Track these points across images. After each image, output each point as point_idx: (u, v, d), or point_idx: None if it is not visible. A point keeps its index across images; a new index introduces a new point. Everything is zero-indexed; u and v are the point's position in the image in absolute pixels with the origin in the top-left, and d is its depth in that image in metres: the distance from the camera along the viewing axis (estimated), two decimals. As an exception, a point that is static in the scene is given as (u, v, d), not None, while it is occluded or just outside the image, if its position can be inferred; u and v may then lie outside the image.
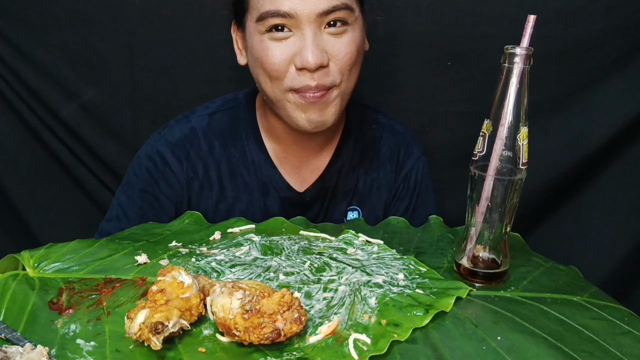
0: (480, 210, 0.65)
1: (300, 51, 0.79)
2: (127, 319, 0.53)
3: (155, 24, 1.20)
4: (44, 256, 0.68)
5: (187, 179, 0.93)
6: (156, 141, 0.93)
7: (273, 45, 0.80)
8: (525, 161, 0.63)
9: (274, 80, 0.82)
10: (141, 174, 0.93)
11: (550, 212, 1.32)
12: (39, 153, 1.31)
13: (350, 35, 0.81)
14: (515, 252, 0.73)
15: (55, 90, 1.25)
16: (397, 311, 0.58)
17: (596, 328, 0.59)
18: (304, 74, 0.80)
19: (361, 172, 0.98)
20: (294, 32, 0.79)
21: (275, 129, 0.93)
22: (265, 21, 0.79)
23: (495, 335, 0.56)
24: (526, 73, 0.61)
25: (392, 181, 1.00)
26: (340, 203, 0.98)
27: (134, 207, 0.92)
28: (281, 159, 0.95)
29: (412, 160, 1.01)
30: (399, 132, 1.01)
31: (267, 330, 0.51)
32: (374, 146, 1.00)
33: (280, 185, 0.94)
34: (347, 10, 0.80)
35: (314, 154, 0.95)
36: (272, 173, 0.94)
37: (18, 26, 1.20)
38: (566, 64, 1.20)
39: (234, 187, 0.94)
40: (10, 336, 0.54)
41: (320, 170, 0.96)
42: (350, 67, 0.82)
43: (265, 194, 0.95)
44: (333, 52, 0.80)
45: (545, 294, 0.65)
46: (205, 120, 0.95)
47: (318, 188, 0.96)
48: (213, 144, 0.94)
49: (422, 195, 1.02)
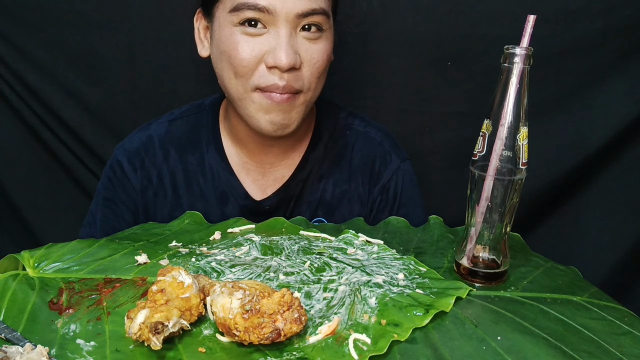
0: (480, 210, 0.65)
1: (274, 50, 0.77)
2: (127, 319, 0.53)
3: (155, 24, 1.20)
4: (44, 256, 0.68)
5: (142, 186, 0.93)
6: (118, 150, 0.95)
7: (244, 40, 0.78)
8: (525, 161, 0.63)
9: (239, 77, 0.79)
10: (104, 182, 0.95)
11: (550, 212, 1.32)
12: (39, 153, 1.31)
13: (324, 43, 0.81)
14: (515, 252, 0.73)
15: (55, 90, 1.25)
16: (397, 311, 0.58)
17: (596, 328, 0.59)
18: (273, 73, 0.78)
19: (329, 183, 0.94)
20: (268, 30, 0.77)
21: (238, 133, 0.91)
22: (240, 12, 0.77)
23: (495, 335, 0.56)
24: (526, 73, 0.61)
25: (365, 194, 0.95)
26: (304, 213, 0.92)
27: (99, 214, 0.94)
28: (242, 165, 0.93)
29: (390, 170, 0.95)
30: (375, 140, 0.96)
31: (267, 330, 0.51)
32: (345, 155, 0.95)
33: (239, 193, 0.92)
34: (324, 16, 0.79)
35: (278, 161, 0.93)
36: (231, 180, 0.92)
37: (18, 26, 1.20)
38: (566, 64, 1.20)
39: (189, 195, 0.93)
40: (10, 336, 0.54)
41: (284, 179, 0.93)
42: (319, 74, 0.81)
43: (224, 202, 0.92)
44: (306, 57, 0.79)
45: (545, 294, 0.65)
46: (164, 128, 0.94)
47: (280, 197, 0.92)
48: (169, 152, 0.93)
49: (404, 206, 0.96)
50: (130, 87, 1.25)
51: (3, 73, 1.23)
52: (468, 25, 1.18)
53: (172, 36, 1.21)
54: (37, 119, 1.27)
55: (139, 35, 1.21)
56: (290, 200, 0.94)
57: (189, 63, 1.22)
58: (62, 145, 1.29)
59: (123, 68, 1.24)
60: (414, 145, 1.20)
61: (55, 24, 1.20)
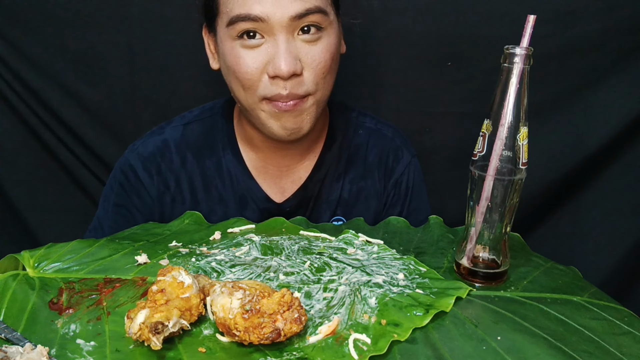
0: (480, 210, 0.65)
1: (273, 59, 0.76)
2: (127, 318, 0.53)
3: (155, 24, 1.20)
4: (44, 256, 0.68)
5: (159, 193, 0.91)
6: (129, 154, 0.92)
7: (245, 54, 0.78)
8: (525, 161, 0.63)
9: (247, 89, 0.80)
10: (115, 187, 0.92)
11: (550, 212, 1.32)
12: (38, 153, 1.31)
13: (325, 42, 0.79)
14: (515, 252, 0.73)
15: (55, 90, 1.25)
16: (397, 311, 0.58)
17: (596, 328, 0.59)
18: (276, 83, 0.78)
19: (346, 181, 0.95)
20: (266, 39, 0.77)
21: (253, 138, 0.90)
22: (236, 26, 0.76)
23: (495, 335, 0.56)
24: (526, 73, 0.61)
25: (381, 189, 0.97)
26: (323, 213, 0.94)
27: (109, 220, 0.92)
28: (260, 169, 0.92)
29: (402, 165, 0.97)
30: (387, 137, 0.98)
31: (267, 330, 0.51)
32: (360, 153, 0.96)
33: (259, 197, 0.92)
34: (321, 14, 0.77)
35: (294, 163, 0.93)
36: (250, 184, 0.92)
37: (18, 26, 1.20)
38: (566, 64, 1.20)
39: (208, 199, 0.92)
40: (10, 336, 0.54)
41: (302, 180, 0.93)
42: (324, 75, 0.80)
43: (243, 206, 0.92)
44: (307, 60, 0.78)
45: (545, 294, 0.65)
46: (179, 132, 0.93)
47: (299, 198, 0.93)
48: (186, 157, 0.92)
49: (414, 200, 0.98)
50: (130, 87, 1.25)
51: (3, 73, 1.23)
52: (468, 25, 1.18)
53: (172, 36, 1.21)
54: (37, 119, 1.27)
55: (139, 35, 1.21)
56: (309, 200, 0.94)
57: (189, 63, 1.22)
58: (62, 146, 1.29)
59: (123, 68, 1.24)
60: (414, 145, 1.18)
61: (55, 24, 1.20)
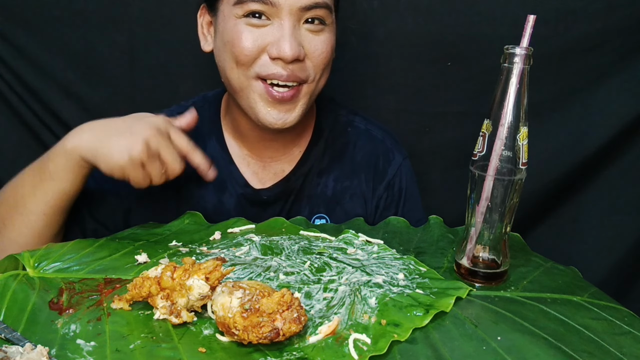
0: (480, 210, 0.65)
1: (278, 41, 0.78)
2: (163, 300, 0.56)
3: (155, 24, 1.20)
4: (44, 256, 0.68)
5: None
6: None
7: (248, 30, 0.79)
8: (525, 161, 0.63)
9: (240, 65, 0.81)
10: None
11: (550, 212, 1.32)
12: (38, 153, 1.30)
13: (327, 35, 0.82)
14: (515, 252, 0.73)
15: (55, 90, 1.24)
16: (397, 311, 0.58)
17: (596, 328, 0.59)
18: (277, 63, 0.79)
19: (330, 178, 0.95)
20: (271, 22, 0.79)
21: (239, 126, 0.91)
22: (245, 5, 0.78)
23: (495, 335, 0.56)
24: (526, 73, 0.61)
25: (368, 191, 0.96)
26: (303, 208, 0.94)
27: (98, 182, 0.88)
28: (243, 157, 0.93)
29: (394, 167, 0.97)
30: (377, 139, 0.98)
31: (266, 330, 0.51)
32: (346, 151, 0.96)
33: (239, 182, 0.92)
34: (326, 9, 0.81)
35: (278, 155, 0.93)
36: (231, 169, 0.92)
37: (18, 26, 1.20)
38: (566, 64, 1.20)
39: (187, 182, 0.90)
40: (10, 336, 0.54)
41: (285, 173, 0.93)
42: (324, 65, 0.83)
43: (222, 190, 0.92)
44: (309, 49, 0.81)
45: (545, 294, 0.65)
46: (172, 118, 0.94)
47: (280, 189, 0.93)
48: None
49: (408, 201, 0.98)
50: (130, 87, 1.25)
51: (3, 73, 1.23)
52: (468, 25, 1.18)
53: (172, 36, 1.21)
54: (36, 119, 1.26)
55: (139, 35, 1.21)
56: (290, 194, 0.94)
57: (189, 63, 1.22)
58: (62, 145, 1.29)
59: (123, 68, 1.24)
60: (414, 145, 1.19)
61: (55, 24, 1.20)
